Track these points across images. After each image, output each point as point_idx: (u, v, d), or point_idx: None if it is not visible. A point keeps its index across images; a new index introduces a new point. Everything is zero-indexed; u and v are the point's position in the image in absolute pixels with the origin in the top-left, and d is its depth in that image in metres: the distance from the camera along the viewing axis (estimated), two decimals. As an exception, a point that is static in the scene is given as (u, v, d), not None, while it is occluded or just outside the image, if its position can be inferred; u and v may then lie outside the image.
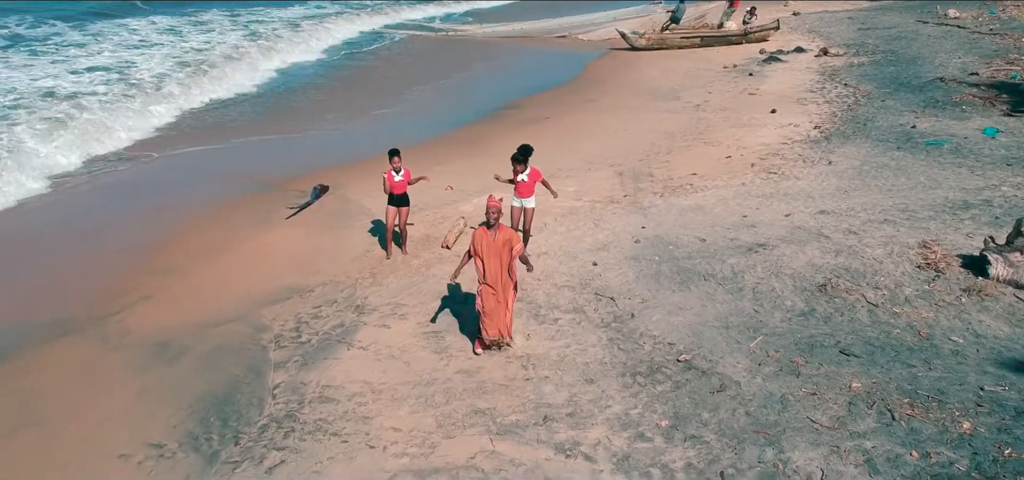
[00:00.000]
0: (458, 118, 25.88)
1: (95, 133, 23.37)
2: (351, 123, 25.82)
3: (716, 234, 13.76)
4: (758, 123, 22.22)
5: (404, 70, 35.41)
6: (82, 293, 13.73)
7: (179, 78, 30.56)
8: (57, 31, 41.98)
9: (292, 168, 19.95)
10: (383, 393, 9.99)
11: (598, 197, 16.62)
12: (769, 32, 36.28)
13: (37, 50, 36.32)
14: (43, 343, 12.05)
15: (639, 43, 37.12)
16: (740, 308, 11.16)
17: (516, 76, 33.14)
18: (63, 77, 30.67)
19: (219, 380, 10.79)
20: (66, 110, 24.74)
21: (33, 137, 21.97)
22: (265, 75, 33.64)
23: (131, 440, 9.56)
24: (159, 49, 37.62)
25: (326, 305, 12.70)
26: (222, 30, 45.32)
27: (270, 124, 25.89)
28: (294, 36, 41.76)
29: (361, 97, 29.56)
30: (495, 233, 10.36)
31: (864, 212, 14.31)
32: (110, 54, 36.20)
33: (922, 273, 11.71)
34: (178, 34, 43.69)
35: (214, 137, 24.10)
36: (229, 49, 36.94)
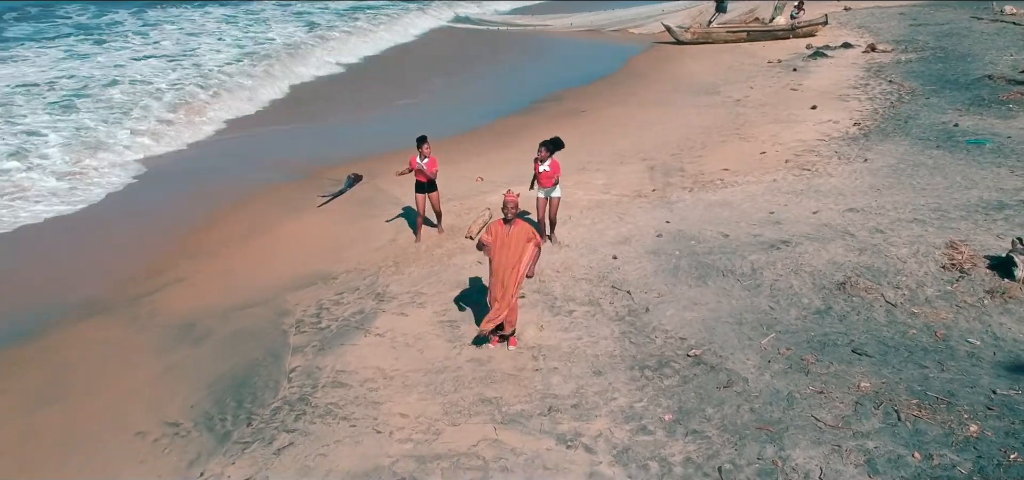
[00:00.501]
0: (496, 110, 26.00)
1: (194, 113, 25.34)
2: (386, 114, 26.05)
3: (740, 230, 13.67)
4: (797, 119, 21.94)
5: (446, 64, 35.52)
6: (121, 274, 14.18)
7: (256, 68, 31.72)
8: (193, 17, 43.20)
9: (329, 157, 20.31)
10: (394, 379, 10.15)
11: (626, 191, 16.60)
12: (817, 27, 35.70)
13: (150, 36, 37.95)
14: (78, 321, 12.50)
15: (684, 37, 36.83)
16: (755, 305, 11.09)
17: (558, 69, 33.12)
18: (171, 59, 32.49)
19: (239, 362, 11.06)
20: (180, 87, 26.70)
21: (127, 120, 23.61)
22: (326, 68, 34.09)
23: (149, 418, 9.86)
24: (225, 40, 38.61)
25: (348, 292, 12.91)
26: (278, 21, 46.07)
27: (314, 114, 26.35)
28: (351, 33, 41.99)
29: (396, 91, 29.80)
30: (511, 227, 10.40)
31: (894, 211, 14.09)
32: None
33: (946, 274, 11.51)
34: (236, 23, 44.60)
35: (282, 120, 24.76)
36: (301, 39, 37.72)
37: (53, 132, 22.73)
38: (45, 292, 13.44)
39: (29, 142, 21.79)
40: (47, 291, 13.49)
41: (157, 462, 9.01)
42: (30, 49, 35.72)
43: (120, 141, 22.20)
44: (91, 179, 19.42)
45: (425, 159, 14.18)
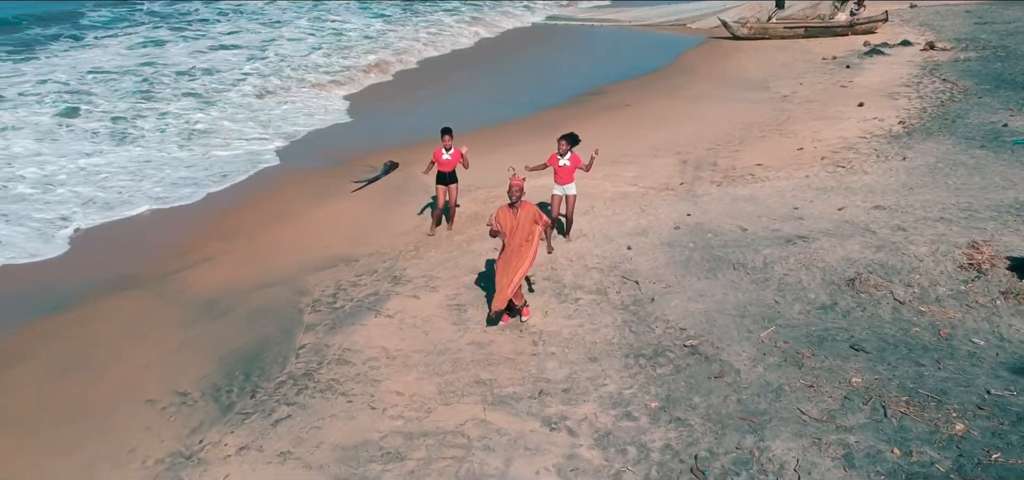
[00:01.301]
0: (540, 101, 26.16)
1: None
2: (435, 103, 26.36)
3: (760, 224, 13.58)
4: (842, 116, 21.58)
5: (501, 57, 35.61)
6: (156, 251, 14.74)
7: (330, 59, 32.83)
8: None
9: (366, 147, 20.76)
10: (396, 359, 10.40)
11: (653, 184, 16.59)
12: (877, 24, 34.92)
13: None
14: (108, 295, 13.08)
15: (741, 32, 36.40)
16: (761, 298, 11.04)
17: (608, 62, 33.10)
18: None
19: (253, 338, 11.45)
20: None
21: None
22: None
23: (161, 388, 10.30)
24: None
25: (367, 274, 13.22)
26: (355, 12, 46.79)
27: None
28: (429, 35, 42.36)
29: (441, 85, 30.12)
30: (517, 211, 10.64)
31: (922, 209, 13.82)
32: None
33: (962, 273, 11.29)
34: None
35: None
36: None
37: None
38: (85, 267, 14.06)
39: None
40: (88, 266, 14.11)
41: (161, 429, 9.42)
42: (114, 39, 36.99)
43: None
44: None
45: (450, 151, 14.36)
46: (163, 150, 20.92)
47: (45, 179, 18.36)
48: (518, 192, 10.71)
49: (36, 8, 40.84)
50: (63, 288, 13.30)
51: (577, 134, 13.42)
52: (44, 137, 21.51)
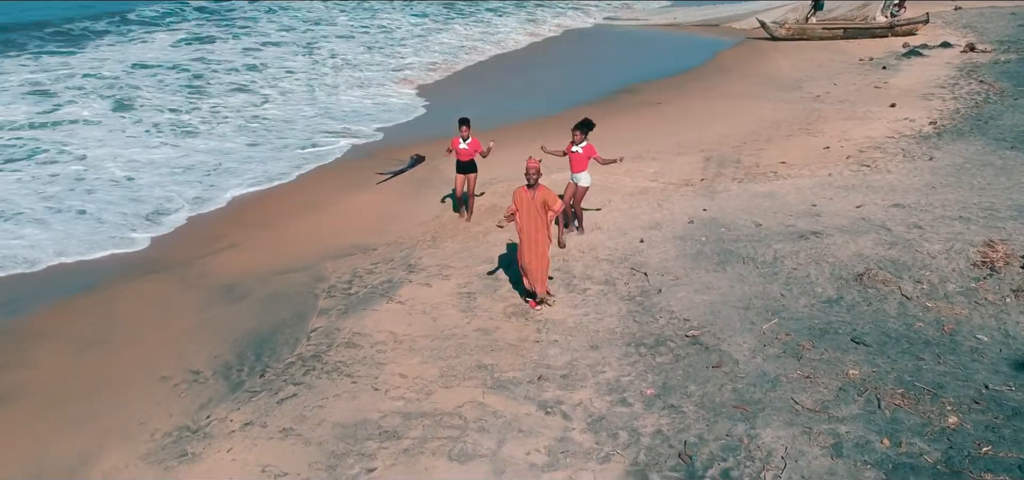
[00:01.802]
0: (574, 98, 26.27)
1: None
2: (475, 100, 26.58)
3: (775, 220, 13.56)
4: (872, 116, 21.38)
5: (549, 57, 35.45)
6: (184, 239, 15.15)
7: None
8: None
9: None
10: (403, 343, 10.62)
11: (674, 180, 16.63)
12: (917, 26, 34.41)
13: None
14: (134, 278, 13.51)
15: (779, 33, 36.13)
16: (768, 291, 11.06)
17: (644, 61, 33.10)
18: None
19: (267, 321, 11.76)
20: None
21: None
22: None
23: (176, 365, 10.64)
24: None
25: (383, 263, 13.47)
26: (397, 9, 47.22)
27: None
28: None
29: (480, 84, 30.33)
30: (534, 192, 10.97)
31: (941, 208, 13.69)
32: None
33: (975, 271, 11.18)
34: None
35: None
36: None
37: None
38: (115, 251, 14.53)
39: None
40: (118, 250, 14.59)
41: (172, 404, 9.74)
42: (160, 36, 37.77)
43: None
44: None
45: (467, 141, 14.60)
46: (233, 141, 21.62)
47: (129, 171, 18.84)
48: (535, 174, 11.07)
49: (89, 8, 41.92)
50: (88, 271, 13.70)
51: (591, 120, 13.49)
52: (115, 131, 22.19)
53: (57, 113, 23.47)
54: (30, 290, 12.86)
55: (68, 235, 14.99)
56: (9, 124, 22.06)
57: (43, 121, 22.61)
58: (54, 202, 16.57)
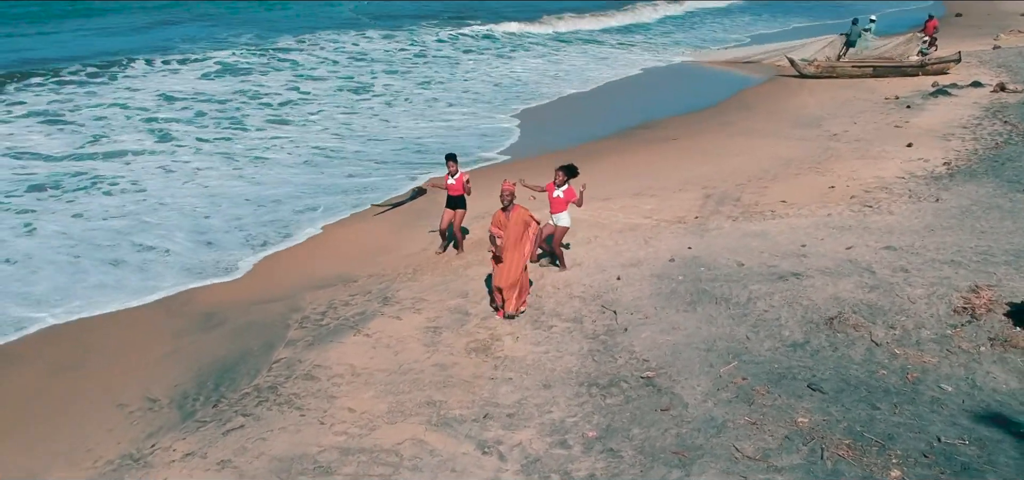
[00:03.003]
0: (588, 133, 26.15)
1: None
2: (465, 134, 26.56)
3: (759, 260, 13.26)
4: (886, 156, 20.90)
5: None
6: (180, 262, 15.27)
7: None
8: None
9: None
10: (360, 377, 10.55)
11: (668, 217, 16.38)
12: (949, 64, 33.65)
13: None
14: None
15: (807, 70, 35.61)
16: (734, 333, 10.77)
17: (665, 97, 32.80)
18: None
19: (235, 350, 11.79)
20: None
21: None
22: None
23: (135, 392, 10.71)
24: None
25: (361, 294, 13.44)
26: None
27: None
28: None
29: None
30: (509, 214, 11.58)
31: (935, 251, 13.26)
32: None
33: (955, 317, 10.78)
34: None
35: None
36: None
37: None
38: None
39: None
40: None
41: (122, 431, 9.78)
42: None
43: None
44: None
45: (454, 176, 14.60)
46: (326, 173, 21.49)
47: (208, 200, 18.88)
48: (508, 196, 11.72)
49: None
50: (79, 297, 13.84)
51: (576, 166, 13.39)
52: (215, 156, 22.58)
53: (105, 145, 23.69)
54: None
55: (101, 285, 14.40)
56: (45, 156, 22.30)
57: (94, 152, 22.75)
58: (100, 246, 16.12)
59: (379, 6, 62.83)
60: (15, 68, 34.49)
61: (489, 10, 59.79)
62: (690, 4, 74.11)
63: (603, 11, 62.40)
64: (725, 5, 76.29)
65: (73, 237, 16.13)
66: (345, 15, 56.99)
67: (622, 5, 65.81)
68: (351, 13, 57.83)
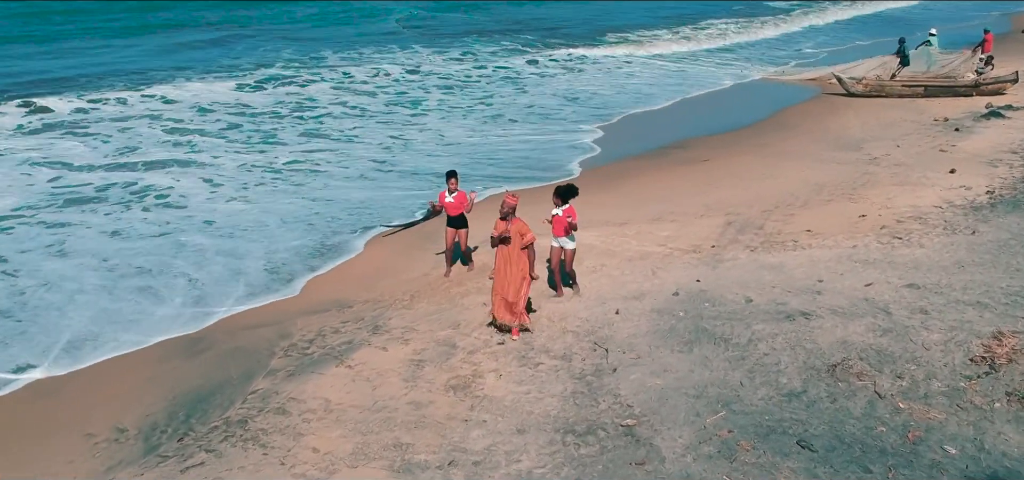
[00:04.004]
0: (622, 151, 25.53)
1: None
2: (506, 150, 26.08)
3: (770, 296, 12.52)
4: (926, 183, 19.85)
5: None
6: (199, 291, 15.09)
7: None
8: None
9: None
10: (332, 413, 10.14)
11: (684, 245, 15.68)
12: (1006, 85, 32.12)
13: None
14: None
15: (855, 89, 34.36)
16: (728, 379, 10.08)
17: (705, 114, 31.93)
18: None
19: (215, 378, 11.50)
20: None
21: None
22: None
23: (106, 421, 10.49)
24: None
25: (353, 322, 13.05)
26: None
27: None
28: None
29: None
30: (508, 225, 11.54)
31: (961, 291, 12.37)
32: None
33: (971, 367, 9.93)
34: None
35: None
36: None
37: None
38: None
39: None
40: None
41: (82, 462, 9.54)
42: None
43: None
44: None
45: (453, 194, 14.16)
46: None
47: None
48: (509, 209, 11.67)
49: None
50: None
51: (575, 186, 12.85)
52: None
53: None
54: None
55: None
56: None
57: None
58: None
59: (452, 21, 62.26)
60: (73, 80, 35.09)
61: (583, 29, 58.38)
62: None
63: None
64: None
65: (103, 259, 15.99)
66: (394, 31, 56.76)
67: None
68: (396, 26, 57.67)
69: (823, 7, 73.26)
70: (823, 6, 73.99)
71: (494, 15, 66.97)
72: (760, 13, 69.13)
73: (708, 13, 66.96)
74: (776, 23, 64.14)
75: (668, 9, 69.52)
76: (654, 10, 68.83)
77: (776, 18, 67.26)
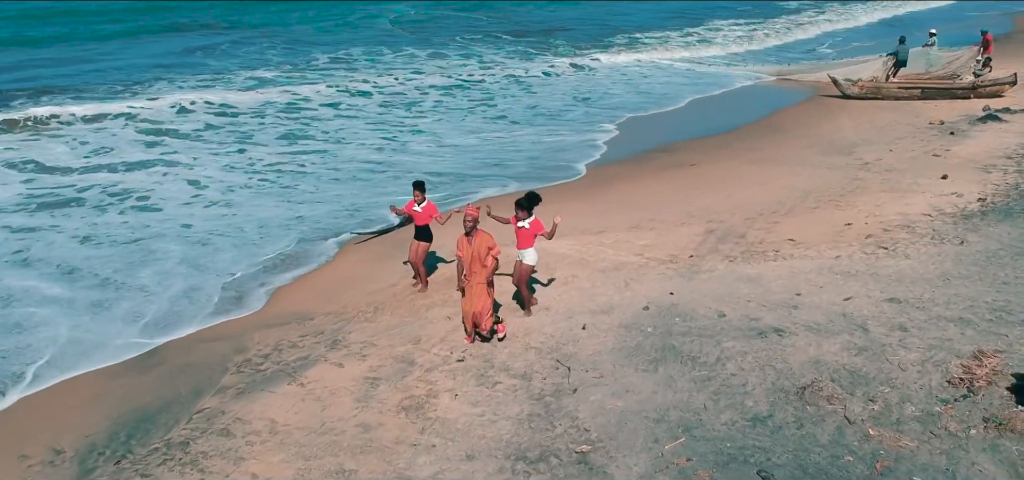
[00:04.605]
0: (602, 156, 25.03)
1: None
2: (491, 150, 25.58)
3: (743, 310, 12.01)
4: (916, 189, 19.35)
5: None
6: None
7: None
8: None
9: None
10: (277, 435, 9.68)
11: (660, 255, 15.18)
12: (1004, 87, 31.55)
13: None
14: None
15: (851, 91, 33.80)
16: (691, 401, 9.57)
17: (693, 117, 31.43)
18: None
19: (162, 396, 11.06)
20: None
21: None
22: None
23: (43, 442, 10.06)
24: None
25: (312, 335, 12.60)
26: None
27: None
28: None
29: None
30: (471, 239, 11.17)
31: (943, 306, 11.85)
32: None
33: (948, 390, 9.42)
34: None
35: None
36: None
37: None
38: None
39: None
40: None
41: (11, 488, 9.00)
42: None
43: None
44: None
45: (421, 205, 13.67)
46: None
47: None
48: (470, 221, 11.19)
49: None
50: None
51: (537, 194, 12.33)
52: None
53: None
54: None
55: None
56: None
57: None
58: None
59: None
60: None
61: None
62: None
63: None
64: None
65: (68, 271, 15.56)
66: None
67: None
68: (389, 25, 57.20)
69: (850, 8, 72.12)
70: (850, 7, 72.74)
71: (496, 14, 66.48)
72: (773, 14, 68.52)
73: (715, 13, 66.48)
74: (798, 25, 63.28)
75: (673, 9, 69.10)
76: (659, 11, 68.34)
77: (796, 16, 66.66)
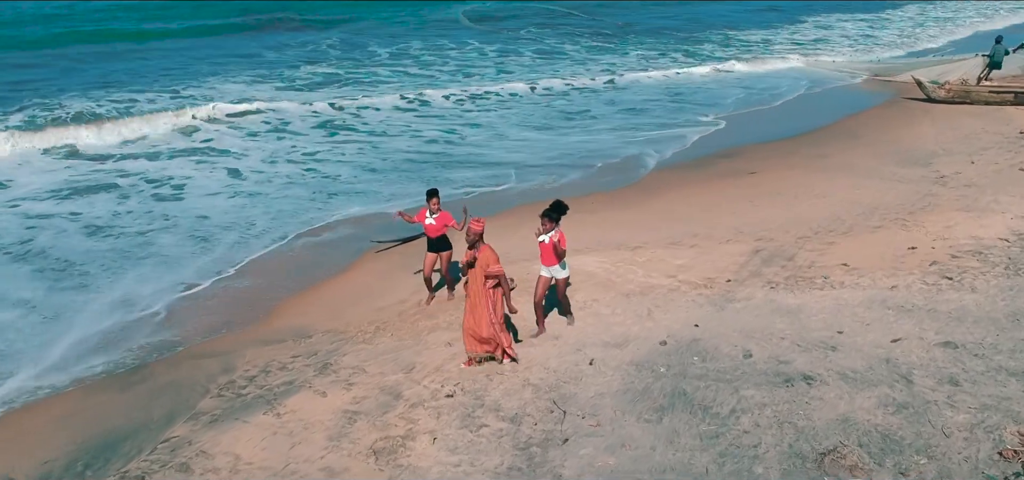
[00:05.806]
0: (660, 160, 23.77)
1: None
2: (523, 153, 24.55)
3: (774, 350, 10.71)
4: (995, 209, 17.50)
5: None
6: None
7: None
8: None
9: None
10: (237, 475, 8.97)
11: (696, 277, 13.91)
12: (1112, 95, 28.95)
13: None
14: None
15: (937, 94, 31.59)
16: (693, 463, 8.38)
17: (759, 120, 29.75)
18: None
19: (133, 419, 10.49)
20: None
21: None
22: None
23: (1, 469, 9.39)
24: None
25: (304, 357, 11.83)
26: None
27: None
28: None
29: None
30: (475, 253, 10.48)
31: (1006, 354, 10.32)
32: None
33: (999, 465, 8.00)
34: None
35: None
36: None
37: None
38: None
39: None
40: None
41: (-52, 521, 8.41)
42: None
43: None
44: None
45: (434, 215, 12.75)
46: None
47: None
48: (474, 235, 10.50)
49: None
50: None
51: (564, 203, 11.26)
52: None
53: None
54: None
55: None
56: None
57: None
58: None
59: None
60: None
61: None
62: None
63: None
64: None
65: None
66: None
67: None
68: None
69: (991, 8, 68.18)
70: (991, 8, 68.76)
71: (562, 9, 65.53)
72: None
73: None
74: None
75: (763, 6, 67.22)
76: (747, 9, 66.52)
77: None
